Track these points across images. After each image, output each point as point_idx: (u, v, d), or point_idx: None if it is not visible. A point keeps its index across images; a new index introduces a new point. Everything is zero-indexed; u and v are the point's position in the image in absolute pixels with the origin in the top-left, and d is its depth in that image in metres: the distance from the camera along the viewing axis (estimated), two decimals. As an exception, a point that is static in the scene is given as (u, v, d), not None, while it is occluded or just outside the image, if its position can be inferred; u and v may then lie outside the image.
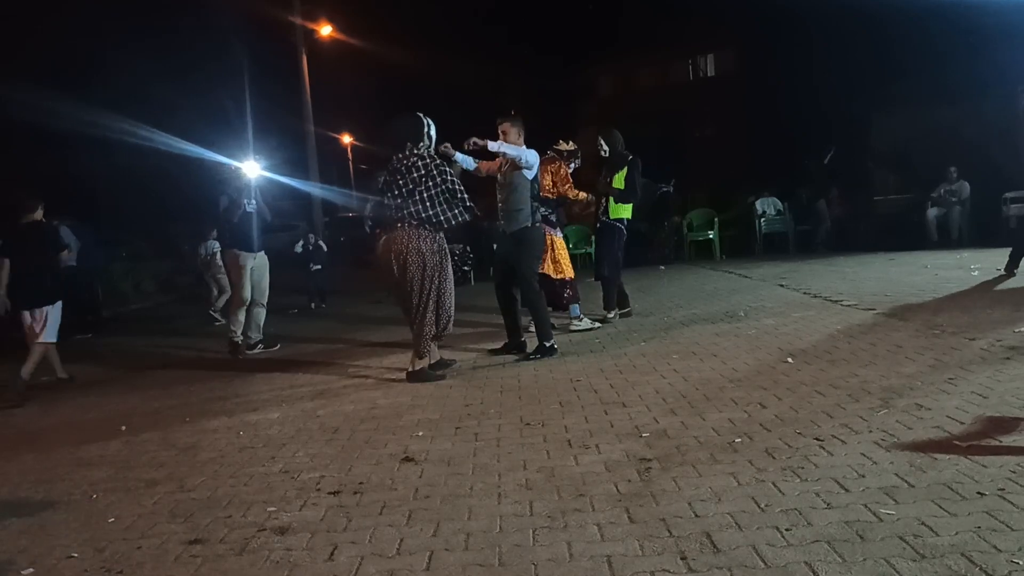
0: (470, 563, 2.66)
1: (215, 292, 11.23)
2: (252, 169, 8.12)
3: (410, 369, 5.83)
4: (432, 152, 5.85)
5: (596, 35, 34.47)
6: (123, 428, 5.19)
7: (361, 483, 3.61)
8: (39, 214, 7.07)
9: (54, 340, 6.98)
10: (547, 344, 6.28)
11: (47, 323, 6.86)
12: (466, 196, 5.79)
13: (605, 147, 7.61)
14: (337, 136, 40.27)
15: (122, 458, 4.45)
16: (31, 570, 2.94)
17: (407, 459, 3.91)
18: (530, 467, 3.60)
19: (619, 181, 7.54)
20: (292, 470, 3.92)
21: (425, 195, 5.65)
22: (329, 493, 3.51)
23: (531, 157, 6.29)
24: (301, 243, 12.74)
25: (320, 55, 22.85)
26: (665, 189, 14.57)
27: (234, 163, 8.26)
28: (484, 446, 4.01)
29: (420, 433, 4.37)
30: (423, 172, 5.68)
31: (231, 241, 8.06)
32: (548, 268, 7.21)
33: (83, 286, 10.61)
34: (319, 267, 12.43)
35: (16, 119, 15.63)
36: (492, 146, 6.06)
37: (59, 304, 6.97)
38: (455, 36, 36.98)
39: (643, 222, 11.97)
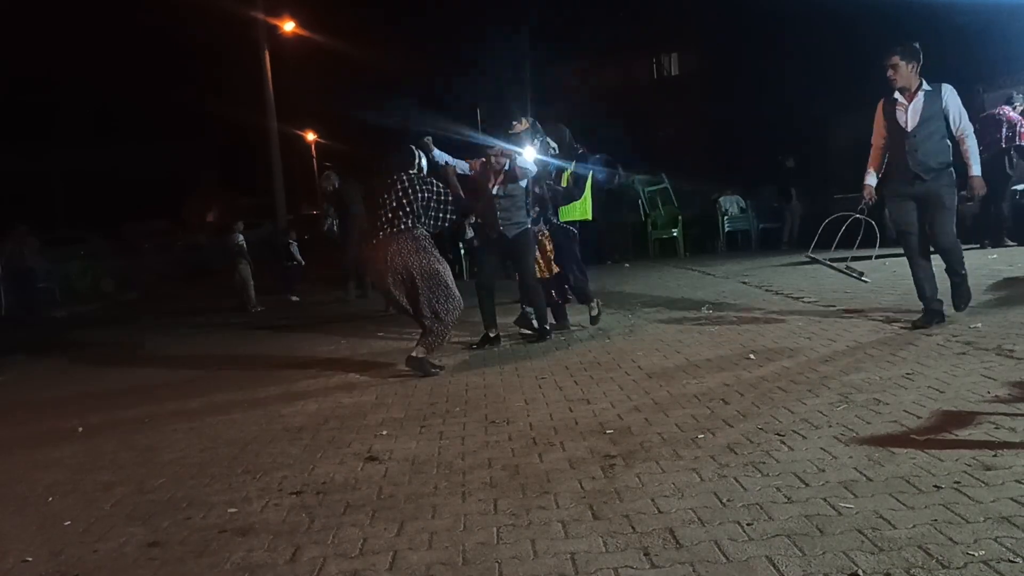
0: (434, 562, 2.65)
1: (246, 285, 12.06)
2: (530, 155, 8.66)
3: (413, 354, 5.81)
4: (422, 175, 6.18)
5: (560, 33, 34.46)
6: (80, 430, 5.09)
7: (324, 483, 3.58)
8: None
9: None
10: (547, 327, 6.85)
11: None
12: (451, 200, 6.16)
13: (554, 145, 7.40)
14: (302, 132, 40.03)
15: (79, 460, 4.37)
16: (-17, 576, 2.88)
17: (371, 458, 3.88)
18: (495, 465, 3.60)
19: (565, 179, 7.43)
20: (254, 470, 3.88)
21: (418, 203, 5.94)
22: (291, 493, 3.48)
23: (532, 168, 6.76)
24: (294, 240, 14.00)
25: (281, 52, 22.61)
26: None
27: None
28: (449, 444, 4.00)
29: (385, 432, 4.35)
30: (414, 184, 5.99)
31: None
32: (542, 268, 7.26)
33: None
34: (291, 263, 13.62)
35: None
36: (520, 161, 6.59)
37: None
38: (420, 33, 36.88)
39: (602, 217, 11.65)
